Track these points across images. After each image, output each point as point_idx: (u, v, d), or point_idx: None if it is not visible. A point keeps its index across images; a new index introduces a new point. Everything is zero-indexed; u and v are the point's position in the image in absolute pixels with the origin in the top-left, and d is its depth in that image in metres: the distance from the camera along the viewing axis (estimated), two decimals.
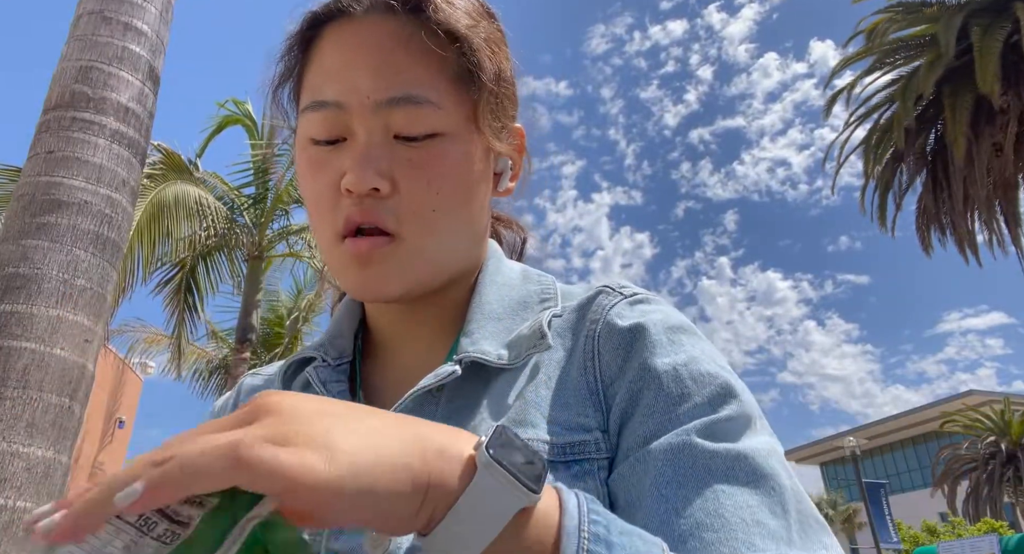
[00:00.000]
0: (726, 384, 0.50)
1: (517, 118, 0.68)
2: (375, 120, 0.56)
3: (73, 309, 2.73)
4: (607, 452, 0.49)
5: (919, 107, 12.60)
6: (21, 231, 2.78)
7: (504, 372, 0.55)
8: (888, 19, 12.91)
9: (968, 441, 25.06)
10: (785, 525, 0.42)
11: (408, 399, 0.54)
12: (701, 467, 0.44)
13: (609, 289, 0.59)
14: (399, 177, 0.56)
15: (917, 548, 13.63)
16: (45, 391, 2.58)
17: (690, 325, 0.55)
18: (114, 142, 3.04)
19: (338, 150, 0.58)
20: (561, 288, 0.63)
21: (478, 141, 0.60)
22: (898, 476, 40.24)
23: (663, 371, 0.50)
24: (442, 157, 0.57)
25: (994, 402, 25.92)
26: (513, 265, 0.68)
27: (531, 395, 0.53)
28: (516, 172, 0.68)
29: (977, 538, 9.01)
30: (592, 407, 0.51)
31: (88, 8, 3.22)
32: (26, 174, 2.92)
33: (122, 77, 3.14)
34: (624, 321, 0.54)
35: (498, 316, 0.59)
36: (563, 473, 0.48)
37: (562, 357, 0.55)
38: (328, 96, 0.57)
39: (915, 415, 37.26)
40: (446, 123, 0.57)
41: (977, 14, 11.57)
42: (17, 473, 2.45)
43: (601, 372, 0.53)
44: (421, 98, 0.56)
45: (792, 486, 0.45)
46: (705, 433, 0.46)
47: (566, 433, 0.50)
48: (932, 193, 13.55)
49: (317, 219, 0.60)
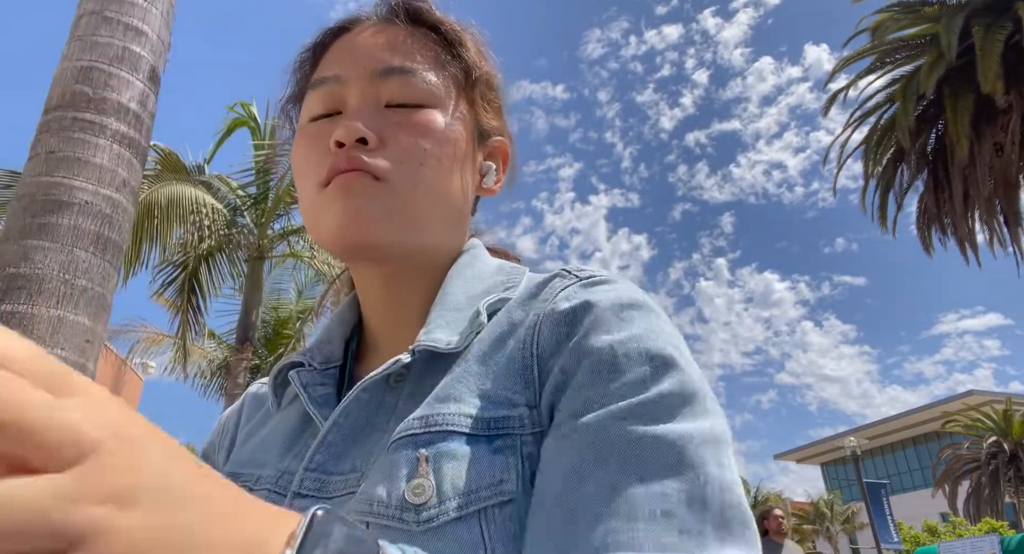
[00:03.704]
0: (666, 361, 0.47)
1: (501, 132, 0.70)
2: (369, 89, 0.60)
3: (74, 309, 2.74)
4: (532, 427, 0.48)
5: (920, 107, 12.60)
6: (22, 231, 2.78)
7: (452, 357, 0.55)
8: (888, 19, 12.91)
9: (969, 441, 25.06)
10: (700, 519, 0.39)
11: (359, 389, 0.54)
12: (618, 452, 0.42)
13: (566, 272, 0.57)
14: (387, 135, 0.58)
15: (918, 548, 13.62)
16: None
17: (646, 301, 0.52)
18: (115, 142, 3.04)
19: (332, 121, 0.60)
20: (529, 276, 0.62)
21: (465, 123, 0.64)
22: (899, 476, 40.23)
23: (599, 347, 0.48)
24: (430, 122, 0.60)
25: (995, 402, 25.91)
26: (490, 260, 0.66)
27: (461, 372, 0.52)
28: (499, 179, 0.70)
29: (978, 538, 9.00)
30: (523, 382, 0.50)
31: (89, 8, 3.22)
32: (27, 174, 2.93)
33: (123, 77, 3.14)
34: (572, 301, 0.52)
35: (458, 307, 0.58)
36: (484, 446, 0.47)
37: (504, 333, 0.54)
38: (327, 73, 0.62)
39: (916, 415, 37.25)
40: (435, 97, 0.61)
41: (978, 14, 11.56)
42: None
43: (539, 347, 0.51)
44: (414, 70, 0.61)
45: (719, 475, 0.42)
46: (631, 414, 0.44)
47: (491, 407, 0.49)
48: (933, 193, 13.54)
49: (303, 179, 0.61)
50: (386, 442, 0.50)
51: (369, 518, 0.45)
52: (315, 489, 0.52)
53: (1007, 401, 24.36)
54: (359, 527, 0.30)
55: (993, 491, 23.30)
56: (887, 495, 19.33)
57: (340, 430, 0.54)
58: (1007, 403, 24.22)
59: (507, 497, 0.45)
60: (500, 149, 0.70)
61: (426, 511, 0.44)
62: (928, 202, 13.73)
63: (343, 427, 0.54)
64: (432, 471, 0.46)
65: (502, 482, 0.45)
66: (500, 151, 0.70)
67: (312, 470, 0.53)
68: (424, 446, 0.47)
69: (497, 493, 0.45)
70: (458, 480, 0.45)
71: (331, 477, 0.52)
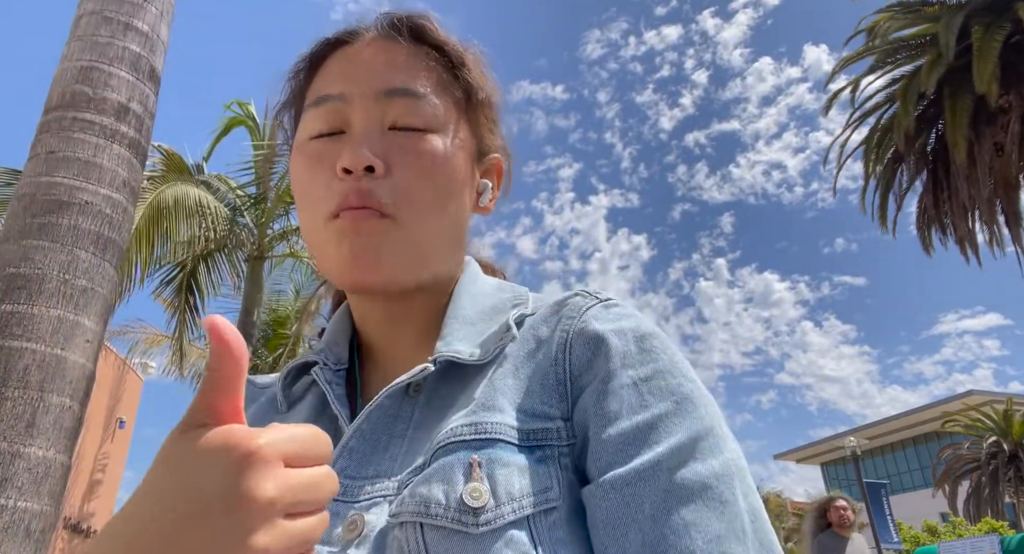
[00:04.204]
0: (686, 397, 0.52)
1: (497, 148, 0.71)
2: (374, 110, 0.59)
3: (74, 309, 2.74)
4: (567, 439, 0.52)
5: (920, 107, 12.59)
6: (22, 231, 2.78)
7: (476, 368, 0.57)
8: (888, 18, 12.91)
9: (969, 441, 25.04)
10: (746, 549, 0.45)
11: (383, 396, 0.56)
12: (662, 497, 0.46)
13: (585, 293, 0.60)
14: (393, 161, 0.58)
15: (918, 548, 13.62)
16: (46, 391, 2.58)
17: (658, 332, 0.57)
18: (115, 142, 3.04)
19: (335, 141, 0.60)
20: (534, 296, 0.65)
21: (466, 147, 0.64)
22: (899, 476, 40.22)
23: (626, 383, 0.52)
24: (434, 150, 0.60)
25: (995, 402, 25.89)
26: (488, 278, 0.70)
27: (499, 383, 0.54)
28: (493, 197, 0.71)
29: (978, 538, 9.00)
30: (558, 397, 0.53)
31: (88, 8, 3.22)
32: (27, 174, 2.93)
33: (123, 77, 3.14)
34: (599, 323, 0.56)
35: (472, 321, 0.61)
36: (528, 457, 0.50)
37: (533, 349, 0.57)
38: (330, 90, 0.61)
39: (916, 415, 37.24)
40: (439, 122, 0.61)
41: (978, 13, 11.55)
42: (18, 473, 2.46)
43: (571, 364, 0.54)
44: (419, 92, 0.60)
45: (749, 505, 0.48)
46: (668, 458, 0.48)
47: (530, 420, 0.52)
48: (933, 193, 13.54)
49: (308, 206, 0.60)
50: (417, 447, 0.53)
51: (424, 519, 0.47)
52: (340, 494, 0.53)
53: (1007, 401, 24.35)
54: None
55: (993, 491, 23.29)
56: (887, 495, 19.32)
57: (362, 436, 0.56)
58: (1007, 403, 24.21)
59: (552, 504, 0.48)
60: (496, 166, 0.70)
61: (484, 514, 0.46)
62: (928, 202, 13.73)
63: (365, 433, 0.56)
64: (485, 476, 0.48)
65: (547, 490, 0.49)
66: (495, 168, 0.71)
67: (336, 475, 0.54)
68: (476, 451, 0.49)
69: (544, 500, 0.48)
70: (510, 486, 0.48)
71: (354, 481, 0.53)
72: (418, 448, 0.53)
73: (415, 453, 0.53)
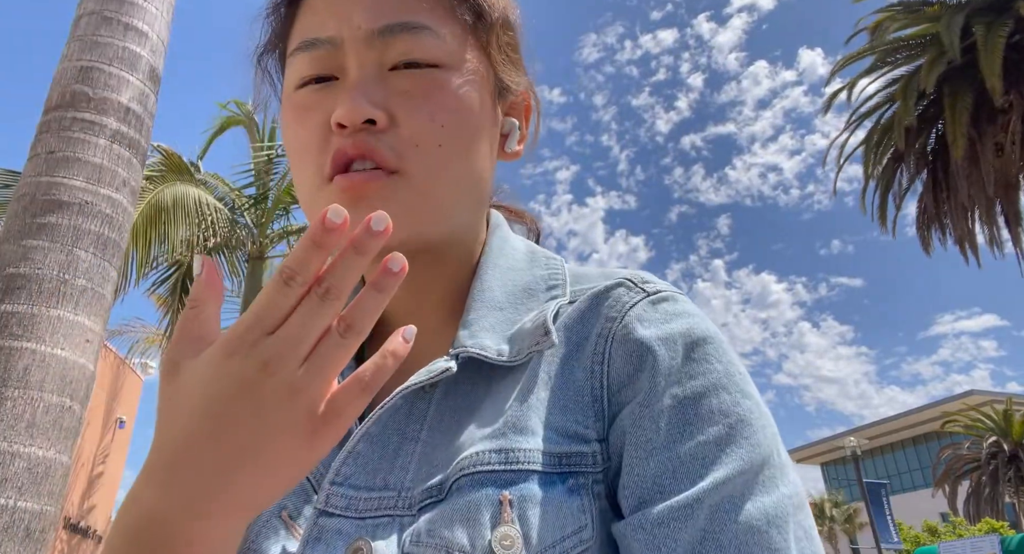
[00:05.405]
0: (741, 419, 0.45)
1: (522, 82, 0.61)
2: (369, 53, 0.51)
3: (74, 309, 2.74)
4: (603, 463, 0.46)
5: (920, 107, 12.59)
6: (22, 231, 2.78)
7: (504, 370, 0.50)
8: (888, 18, 12.91)
9: (969, 441, 25.04)
10: None
11: (397, 397, 0.49)
12: (699, 540, 0.41)
13: (630, 283, 0.52)
14: (396, 109, 0.50)
15: (918, 548, 13.62)
16: (46, 391, 2.58)
17: (715, 334, 0.49)
18: (115, 142, 3.04)
19: (328, 89, 0.52)
20: (571, 271, 0.56)
21: (483, 82, 0.55)
22: (899, 476, 40.22)
23: (670, 404, 0.45)
24: (443, 88, 0.51)
25: (995, 402, 25.90)
26: (518, 243, 0.60)
27: (532, 398, 0.48)
28: (523, 136, 0.61)
29: (978, 538, 9.00)
30: (594, 415, 0.47)
31: (88, 8, 3.22)
32: (27, 174, 2.93)
33: (123, 77, 3.14)
34: (645, 328, 0.48)
35: (500, 305, 0.53)
36: (560, 487, 0.44)
37: (567, 354, 0.49)
38: (318, 33, 0.53)
39: (916, 415, 37.24)
40: (447, 55, 0.52)
41: (979, 13, 11.55)
42: (18, 473, 2.46)
43: (610, 379, 0.47)
44: (419, 25, 0.51)
45: (808, 548, 0.43)
46: (711, 494, 0.42)
47: (563, 441, 0.46)
48: (932, 193, 13.53)
49: (300, 166, 0.53)
50: (431, 456, 0.47)
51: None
52: (343, 507, 0.47)
53: (1007, 401, 24.34)
54: None
55: (993, 491, 23.29)
56: (887, 495, 19.34)
57: (369, 439, 0.49)
58: (1007, 403, 24.20)
59: (586, 546, 0.43)
60: (524, 102, 0.61)
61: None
62: (928, 202, 13.73)
63: (373, 436, 0.49)
64: (517, 518, 0.42)
65: (581, 530, 0.43)
66: (524, 105, 0.61)
67: (339, 484, 0.48)
68: (506, 487, 0.44)
69: (577, 543, 0.43)
70: (544, 530, 0.43)
71: (360, 493, 0.47)
72: (433, 458, 0.47)
73: (429, 464, 0.47)
